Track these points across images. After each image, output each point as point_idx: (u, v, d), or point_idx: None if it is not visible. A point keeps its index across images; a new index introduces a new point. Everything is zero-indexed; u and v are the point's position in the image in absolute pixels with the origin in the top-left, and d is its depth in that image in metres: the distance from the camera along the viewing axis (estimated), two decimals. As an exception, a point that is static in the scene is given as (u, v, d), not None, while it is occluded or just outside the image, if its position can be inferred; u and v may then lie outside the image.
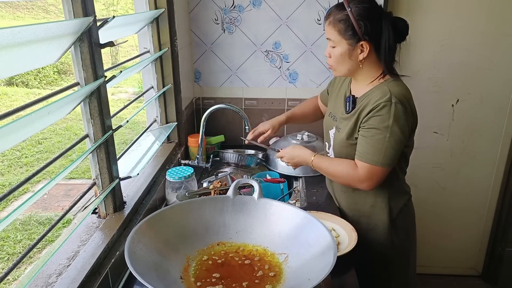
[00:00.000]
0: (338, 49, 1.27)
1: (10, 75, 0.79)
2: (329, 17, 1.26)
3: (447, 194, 2.37)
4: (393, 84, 1.26)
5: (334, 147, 1.41)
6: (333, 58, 1.30)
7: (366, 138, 1.26)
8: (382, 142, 1.22)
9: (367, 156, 1.25)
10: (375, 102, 1.24)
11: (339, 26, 1.24)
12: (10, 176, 4.23)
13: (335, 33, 1.25)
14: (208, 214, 1.10)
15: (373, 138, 1.24)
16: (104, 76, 1.06)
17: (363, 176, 1.27)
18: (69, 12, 0.94)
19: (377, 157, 1.24)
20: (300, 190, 1.68)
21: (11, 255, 3.08)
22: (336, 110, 1.43)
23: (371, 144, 1.25)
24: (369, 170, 1.26)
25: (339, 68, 1.31)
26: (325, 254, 0.90)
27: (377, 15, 1.23)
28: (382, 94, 1.23)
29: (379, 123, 1.23)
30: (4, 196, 0.73)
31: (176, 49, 1.67)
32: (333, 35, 1.26)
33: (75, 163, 0.97)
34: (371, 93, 1.28)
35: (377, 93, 1.25)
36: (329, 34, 1.27)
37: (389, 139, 1.22)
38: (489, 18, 2.02)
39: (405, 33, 1.26)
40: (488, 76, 2.13)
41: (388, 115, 1.21)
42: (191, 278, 0.95)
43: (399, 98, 1.22)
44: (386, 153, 1.23)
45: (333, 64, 1.31)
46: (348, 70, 1.31)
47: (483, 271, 2.52)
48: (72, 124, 5.54)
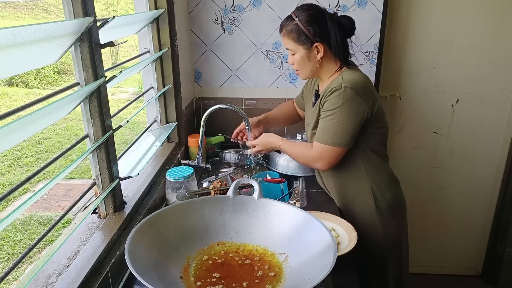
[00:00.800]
0: (297, 55, 1.41)
1: (10, 75, 0.79)
2: (283, 30, 1.41)
3: (447, 194, 2.37)
4: (347, 73, 1.40)
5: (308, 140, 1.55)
6: (295, 63, 1.44)
7: (322, 119, 1.40)
8: (331, 123, 1.36)
9: (319, 136, 1.39)
10: (329, 90, 1.37)
11: (292, 35, 1.38)
12: (10, 176, 4.23)
13: (290, 42, 1.40)
14: (208, 214, 1.10)
15: (324, 120, 1.38)
16: (104, 76, 1.06)
17: (316, 155, 1.41)
18: (69, 12, 0.94)
19: (326, 137, 1.37)
20: (300, 190, 1.68)
21: (11, 255, 3.08)
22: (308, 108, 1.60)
23: (322, 125, 1.39)
24: (320, 149, 1.39)
25: (303, 71, 1.46)
26: (325, 254, 0.90)
27: (322, 18, 1.37)
28: (336, 82, 1.37)
29: (329, 106, 1.36)
30: (4, 196, 0.73)
31: (176, 49, 1.67)
32: (289, 44, 1.41)
33: (75, 163, 0.97)
34: (330, 85, 1.40)
35: (333, 83, 1.39)
36: (286, 44, 1.42)
37: (338, 120, 1.34)
38: (489, 18, 2.02)
39: (351, 28, 1.41)
40: (488, 76, 2.13)
41: (337, 98, 1.34)
42: (191, 278, 0.95)
43: (350, 83, 1.34)
44: (336, 132, 1.35)
45: (297, 68, 1.45)
46: (310, 71, 1.45)
47: (483, 271, 2.52)
48: (72, 124, 5.54)
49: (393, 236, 1.52)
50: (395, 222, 1.52)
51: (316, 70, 1.45)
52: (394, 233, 1.52)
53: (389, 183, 1.50)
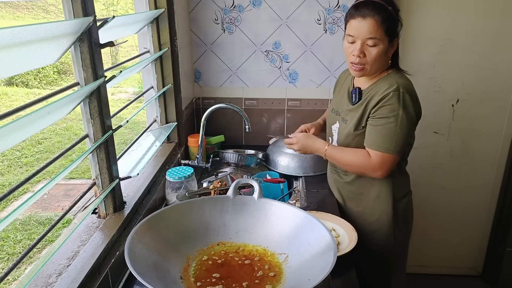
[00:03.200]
0: (379, 47, 1.27)
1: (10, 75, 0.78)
2: (373, 16, 1.24)
3: (447, 194, 2.37)
4: (398, 76, 1.34)
5: (339, 140, 1.45)
6: (370, 56, 1.28)
7: (377, 127, 1.30)
8: (393, 130, 1.27)
9: (380, 144, 1.30)
10: (383, 92, 1.29)
11: (386, 24, 1.25)
12: (10, 176, 4.23)
13: (382, 32, 1.25)
14: (208, 214, 1.10)
15: (384, 127, 1.28)
16: (104, 76, 1.06)
17: (377, 164, 1.31)
18: (69, 12, 0.94)
19: (389, 145, 1.28)
20: (300, 190, 1.68)
21: (11, 255, 3.08)
22: (339, 105, 1.49)
23: (382, 133, 1.29)
24: (382, 158, 1.30)
25: (373, 66, 1.31)
26: (325, 254, 0.90)
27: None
28: (390, 85, 1.29)
29: (389, 112, 1.27)
30: (4, 196, 0.73)
31: (176, 49, 1.67)
32: (379, 34, 1.25)
33: (75, 163, 0.97)
34: (377, 84, 1.34)
35: (384, 84, 1.31)
36: (374, 33, 1.25)
37: (400, 127, 1.27)
38: (489, 18, 2.02)
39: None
40: (488, 76, 2.12)
41: (397, 104, 1.26)
42: (191, 278, 0.95)
43: (406, 88, 1.28)
44: (398, 141, 1.28)
45: (368, 62, 1.29)
46: (380, 67, 1.33)
47: (483, 271, 2.51)
48: (72, 124, 5.54)
49: (402, 244, 1.51)
50: (405, 231, 1.50)
51: (383, 67, 1.34)
52: (403, 241, 1.51)
53: (407, 193, 1.48)
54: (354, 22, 1.27)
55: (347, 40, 1.31)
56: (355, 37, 1.28)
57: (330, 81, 2.04)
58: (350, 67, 1.34)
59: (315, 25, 1.95)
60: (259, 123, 2.11)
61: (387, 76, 1.34)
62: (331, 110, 1.53)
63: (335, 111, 1.50)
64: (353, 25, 1.27)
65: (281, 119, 2.12)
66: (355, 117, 1.36)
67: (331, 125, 1.52)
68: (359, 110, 1.36)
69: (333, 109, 1.52)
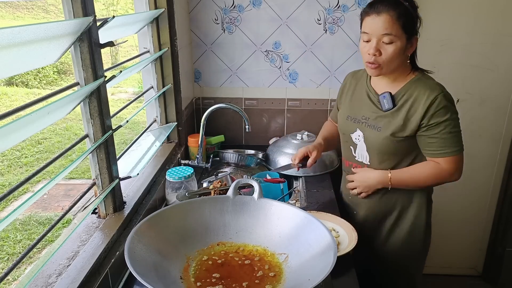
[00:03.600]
0: (396, 44, 1.21)
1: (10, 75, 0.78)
2: (388, 12, 1.19)
3: (447, 194, 2.36)
4: (426, 77, 1.31)
5: (372, 148, 1.36)
6: (386, 54, 1.22)
7: (437, 135, 1.26)
8: (453, 131, 1.26)
9: (447, 150, 1.26)
10: (427, 98, 1.24)
11: (402, 20, 1.20)
12: (10, 176, 4.22)
13: (398, 28, 1.20)
14: (208, 214, 1.10)
15: (444, 132, 1.25)
16: (104, 76, 1.06)
17: (452, 169, 1.28)
18: (69, 12, 0.94)
19: (454, 147, 1.27)
20: (300, 190, 1.68)
21: (11, 255, 3.08)
22: (357, 112, 1.39)
23: (444, 138, 1.26)
24: (454, 161, 1.28)
25: (389, 65, 1.25)
26: (325, 254, 0.90)
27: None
28: (430, 89, 1.25)
29: (443, 116, 1.24)
30: (4, 196, 0.73)
31: (176, 49, 1.67)
32: (396, 30, 1.20)
33: (75, 163, 0.97)
34: (409, 88, 1.29)
35: (421, 89, 1.27)
36: (390, 29, 1.20)
37: (455, 125, 1.26)
38: (489, 18, 2.02)
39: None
40: (488, 76, 2.12)
41: (448, 105, 1.24)
42: (191, 278, 0.95)
43: (443, 88, 1.27)
44: (459, 138, 1.28)
45: (384, 61, 1.24)
46: (396, 66, 1.27)
47: (483, 271, 2.51)
48: (72, 124, 5.54)
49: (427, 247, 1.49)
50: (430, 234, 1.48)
51: (399, 66, 1.28)
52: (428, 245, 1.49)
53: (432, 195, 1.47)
54: (368, 20, 1.22)
55: (363, 38, 1.26)
56: (370, 35, 1.23)
57: (330, 81, 2.04)
58: (366, 66, 1.28)
59: (315, 25, 1.95)
60: (259, 123, 2.11)
61: (418, 80, 1.29)
62: (345, 117, 1.43)
63: (352, 119, 1.40)
64: (367, 23, 1.23)
65: (281, 119, 2.11)
66: (394, 124, 1.29)
67: (349, 133, 1.41)
68: (397, 117, 1.29)
69: (348, 116, 1.42)
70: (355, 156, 1.43)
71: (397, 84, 1.32)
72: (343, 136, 1.46)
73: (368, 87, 1.39)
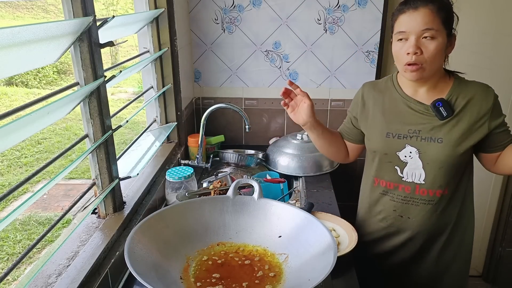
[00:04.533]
0: (438, 40, 1.11)
1: (10, 75, 0.78)
2: (427, 5, 1.09)
3: (447, 194, 2.36)
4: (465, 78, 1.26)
5: (432, 163, 1.22)
6: (428, 52, 1.11)
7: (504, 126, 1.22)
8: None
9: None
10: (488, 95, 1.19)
11: (442, 14, 1.10)
12: (9, 176, 4.22)
13: (438, 22, 1.10)
14: (208, 214, 1.10)
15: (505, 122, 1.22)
16: (104, 76, 1.06)
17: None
18: (68, 12, 0.94)
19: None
20: (300, 190, 1.68)
21: (11, 255, 3.08)
22: (400, 127, 1.24)
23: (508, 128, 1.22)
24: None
25: (432, 65, 1.14)
26: (325, 254, 0.90)
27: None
28: (485, 86, 1.22)
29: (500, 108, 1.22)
30: (4, 196, 0.73)
31: (176, 49, 1.67)
32: (437, 24, 1.09)
33: (74, 163, 0.97)
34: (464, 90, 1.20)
35: (475, 88, 1.21)
36: (431, 24, 1.09)
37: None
38: (489, 18, 2.02)
39: None
40: (488, 76, 2.11)
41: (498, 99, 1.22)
42: (191, 278, 0.95)
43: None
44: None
45: (426, 59, 1.12)
46: (439, 67, 1.17)
47: (483, 271, 2.51)
48: (72, 124, 5.54)
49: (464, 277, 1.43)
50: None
51: (439, 69, 1.18)
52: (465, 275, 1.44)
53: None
54: (404, 17, 1.12)
55: (398, 38, 1.14)
56: (407, 32, 1.11)
57: (330, 81, 2.04)
58: (405, 70, 1.15)
59: (315, 25, 1.95)
60: (259, 123, 2.11)
61: (462, 81, 1.23)
62: (383, 135, 1.26)
63: (395, 135, 1.24)
64: (403, 21, 1.12)
65: (281, 119, 2.11)
66: (458, 131, 1.18)
67: (394, 152, 1.25)
68: (460, 123, 1.18)
69: (388, 133, 1.25)
70: (401, 176, 1.27)
71: (440, 89, 1.21)
72: (384, 156, 1.28)
73: (405, 98, 1.24)
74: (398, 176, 1.27)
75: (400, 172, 1.27)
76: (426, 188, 1.25)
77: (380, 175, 1.32)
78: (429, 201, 1.26)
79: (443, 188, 1.25)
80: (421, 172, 1.24)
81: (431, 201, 1.26)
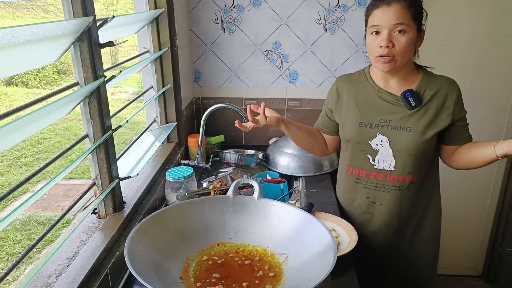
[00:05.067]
0: (409, 35, 1.18)
1: (10, 75, 0.78)
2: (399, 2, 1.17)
3: (447, 194, 2.35)
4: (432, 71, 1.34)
5: (401, 150, 1.29)
6: (399, 45, 1.18)
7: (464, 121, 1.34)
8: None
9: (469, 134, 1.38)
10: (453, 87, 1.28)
11: (413, 10, 1.18)
12: (9, 176, 4.22)
13: (409, 17, 1.17)
14: (208, 214, 1.10)
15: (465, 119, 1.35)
16: (104, 76, 1.06)
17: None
18: (68, 12, 0.94)
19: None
20: (300, 190, 1.67)
21: (11, 255, 3.08)
22: (372, 116, 1.31)
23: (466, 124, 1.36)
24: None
25: (404, 57, 1.21)
26: (325, 254, 0.90)
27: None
28: (450, 80, 1.30)
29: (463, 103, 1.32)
30: (4, 196, 0.73)
31: (176, 49, 1.67)
32: (407, 19, 1.17)
33: (74, 163, 0.97)
34: (433, 82, 1.29)
35: (442, 80, 1.30)
36: (402, 18, 1.17)
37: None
38: (489, 18, 2.02)
39: None
40: (488, 76, 2.12)
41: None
42: (191, 278, 0.95)
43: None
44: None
45: (398, 52, 1.19)
46: (409, 59, 1.25)
47: (483, 271, 2.51)
48: (72, 124, 5.54)
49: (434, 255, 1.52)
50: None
51: (409, 62, 1.27)
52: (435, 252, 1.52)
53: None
54: (378, 12, 1.19)
55: (371, 32, 1.21)
56: (380, 26, 1.18)
57: (330, 81, 2.04)
58: (377, 61, 1.22)
59: (315, 25, 1.95)
60: (259, 123, 2.11)
61: (431, 74, 1.31)
62: (356, 125, 1.33)
63: (367, 124, 1.32)
64: (377, 15, 1.19)
65: (281, 119, 2.11)
66: (425, 121, 1.26)
67: (366, 140, 1.32)
68: (427, 113, 1.26)
69: (361, 123, 1.32)
70: (373, 164, 1.34)
71: (410, 81, 1.29)
72: (356, 145, 1.35)
73: (377, 89, 1.32)
74: (370, 164, 1.35)
75: (372, 160, 1.34)
76: (396, 174, 1.33)
77: (353, 164, 1.39)
78: (399, 187, 1.34)
79: (412, 175, 1.32)
80: (392, 159, 1.32)
81: (401, 187, 1.34)
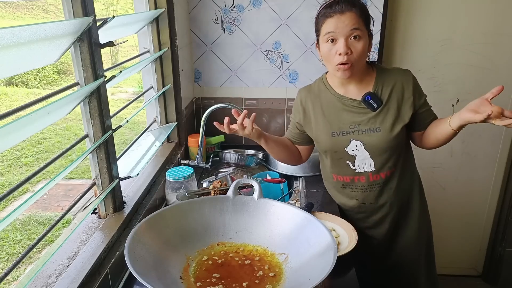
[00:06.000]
0: (364, 40, 1.21)
1: (10, 75, 0.78)
2: (351, 9, 1.18)
3: (447, 194, 2.36)
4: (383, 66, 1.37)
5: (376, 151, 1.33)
6: (356, 52, 1.20)
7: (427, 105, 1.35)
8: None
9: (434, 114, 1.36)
10: (408, 78, 1.31)
11: (364, 17, 1.21)
12: (10, 176, 4.22)
13: (362, 24, 1.20)
14: (208, 214, 1.10)
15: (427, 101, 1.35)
16: (104, 76, 1.06)
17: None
18: (68, 12, 0.94)
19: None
20: (300, 190, 1.68)
21: (11, 255, 3.08)
22: (341, 124, 1.34)
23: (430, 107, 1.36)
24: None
25: (359, 63, 1.24)
26: (325, 254, 0.90)
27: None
28: (402, 71, 1.33)
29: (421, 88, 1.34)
30: (4, 196, 0.73)
31: (176, 49, 1.67)
32: (361, 25, 1.19)
33: (75, 163, 0.97)
34: (386, 79, 1.31)
35: (395, 74, 1.32)
36: (357, 24, 1.18)
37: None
38: (489, 18, 2.02)
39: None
40: (488, 76, 2.12)
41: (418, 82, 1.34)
42: (191, 278, 0.95)
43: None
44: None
45: (356, 58, 1.21)
46: (363, 65, 1.28)
47: (483, 271, 2.51)
48: (72, 124, 5.54)
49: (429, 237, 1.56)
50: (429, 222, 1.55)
51: (363, 65, 1.29)
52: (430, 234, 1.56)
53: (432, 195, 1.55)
54: (332, 20, 1.19)
55: (326, 40, 1.21)
56: (336, 33, 1.19)
57: (330, 81, 2.04)
58: (338, 69, 1.22)
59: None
60: (259, 123, 2.11)
61: (382, 70, 1.33)
62: (329, 135, 1.35)
63: (339, 133, 1.33)
64: (331, 23, 1.19)
65: (281, 119, 2.11)
66: (390, 117, 1.29)
67: (342, 148, 1.34)
68: (390, 110, 1.30)
69: (333, 132, 1.34)
70: (354, 169, 1.36)
71: (367, 83, 1.32)
72: (334, 154, 1.37)
73: (338, 97, 1.34)
74: (351, 169, 1.37)
75: (352, 166, 1.37)
76: (378, 173, 1.36)
77: (336, 171, 1.42)
78: (384, 182, 1.39)
79: (391, 168, 1.37)
80: (370, 161, 1.35)
81: (385, 182, 1.39)
